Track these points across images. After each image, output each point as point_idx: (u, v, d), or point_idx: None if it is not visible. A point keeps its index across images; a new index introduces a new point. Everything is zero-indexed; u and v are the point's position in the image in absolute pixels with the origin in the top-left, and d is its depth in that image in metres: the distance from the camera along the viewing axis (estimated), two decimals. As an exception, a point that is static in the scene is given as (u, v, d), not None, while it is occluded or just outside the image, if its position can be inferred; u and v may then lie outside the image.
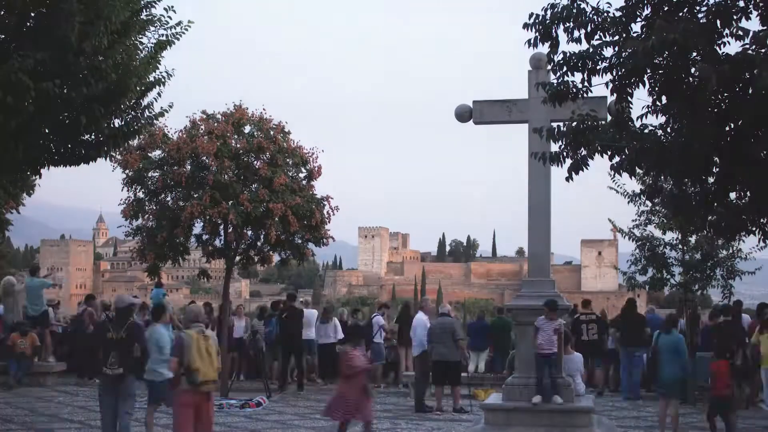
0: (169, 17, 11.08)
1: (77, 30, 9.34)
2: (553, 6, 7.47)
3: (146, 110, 11.85)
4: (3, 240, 31.63)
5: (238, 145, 22.48)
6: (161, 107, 12.08)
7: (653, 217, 16.76)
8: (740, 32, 6.74)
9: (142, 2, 10.78)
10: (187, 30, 11.30)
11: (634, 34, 7.36)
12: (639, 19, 7.41)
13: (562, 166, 8.01)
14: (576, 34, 7.45)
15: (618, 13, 7.41)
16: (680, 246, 16.62)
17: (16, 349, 17.04)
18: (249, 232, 23.02)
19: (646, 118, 7.62)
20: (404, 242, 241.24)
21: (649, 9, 7.35)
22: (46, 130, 11.07)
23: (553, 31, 7.48)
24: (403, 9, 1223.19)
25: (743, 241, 15.91)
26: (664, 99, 7.46)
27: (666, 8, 7.22)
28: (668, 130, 7.75)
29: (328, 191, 19.08)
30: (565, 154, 7.94)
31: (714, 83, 6.57)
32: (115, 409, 9.62)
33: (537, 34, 7.53)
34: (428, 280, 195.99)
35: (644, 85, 7.34)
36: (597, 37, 7.44)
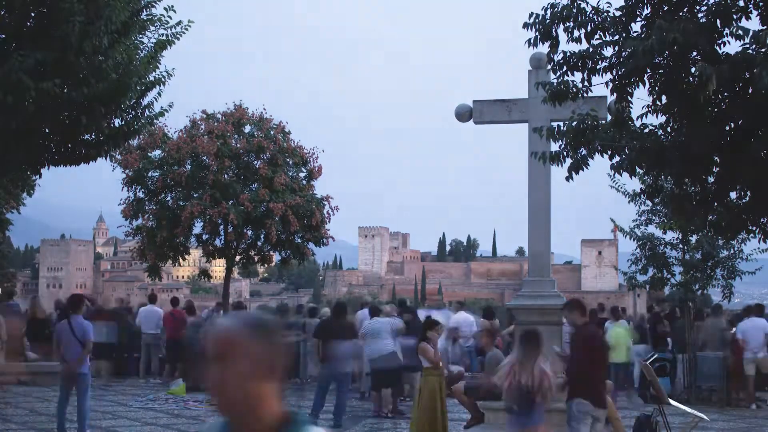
0: (169, 17, 11.09)
1: (77, 30, 9.33)
2: (553, 6, 7.46)
3: (146, 110, 11.85)
4: (3, 240, 31.59)
5: (239, 145, 22.53)
6: (161, 107, 12.09)
7: (654, 217, 16.75)
8: (740, 32, 6.73)
9: (142, 2, 10.78)
10: (187, 30, 11.31)
11: (634, 34, 7.35)
12: (639, 19, 7.40)
13: (562, 165, 8.00)
14: (576, 33, 7.44)
15: (618, 13, 7.40)
16: (681, 246, 16.61)
17: None
18: (249, 232, 23.06)
19: (646, 117, 7.62)
20: (404, 242, 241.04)
21: (649, 9, 7.35)
22: (46, 130, 11.07)
23: (553, 30, 7.47)
24: (405, 8, 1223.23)
25: (745, 244, 15.97)
26: (664, 99, 7.46)
27: (666, 8, 7.20)
28: (668, 129, 7.74)
29: (328, 191, 18.85)
30: (565, 153, 7.93)
31: (714, 83, 6.56)
32: None
33: (537, 33, 7.52)
34: (428, 279, 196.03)
35: (644, 85, 7.32)
36: (597, 36, 7.43)
